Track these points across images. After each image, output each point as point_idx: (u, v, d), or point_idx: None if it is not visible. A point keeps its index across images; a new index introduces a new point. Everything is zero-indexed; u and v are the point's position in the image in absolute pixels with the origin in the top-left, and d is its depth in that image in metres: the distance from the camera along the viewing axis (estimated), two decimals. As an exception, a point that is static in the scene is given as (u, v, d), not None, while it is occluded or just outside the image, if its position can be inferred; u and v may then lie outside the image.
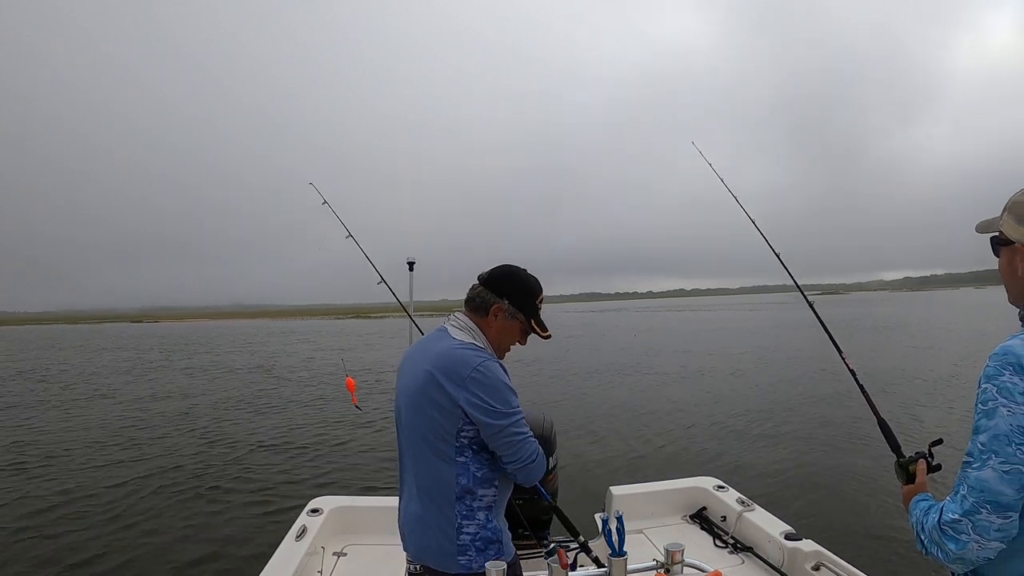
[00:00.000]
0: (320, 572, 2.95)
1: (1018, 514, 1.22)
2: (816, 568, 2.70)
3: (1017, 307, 1.37)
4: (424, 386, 1.85)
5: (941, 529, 1.29)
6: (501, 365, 1.90)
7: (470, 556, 1.83)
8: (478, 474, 1.85)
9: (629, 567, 1.86)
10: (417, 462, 1.89)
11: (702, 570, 1.99)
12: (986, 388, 1.26)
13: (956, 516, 1.26)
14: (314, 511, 3.35)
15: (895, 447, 1.80)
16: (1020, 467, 1.20)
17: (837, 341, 2.25)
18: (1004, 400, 1.23)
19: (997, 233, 1.41)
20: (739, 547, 3.07)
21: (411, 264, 3.65)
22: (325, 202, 3.81)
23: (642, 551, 2.90)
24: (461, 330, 1.94)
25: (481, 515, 1.86)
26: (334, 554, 3.12)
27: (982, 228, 1.46)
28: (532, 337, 2.04)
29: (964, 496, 1.25)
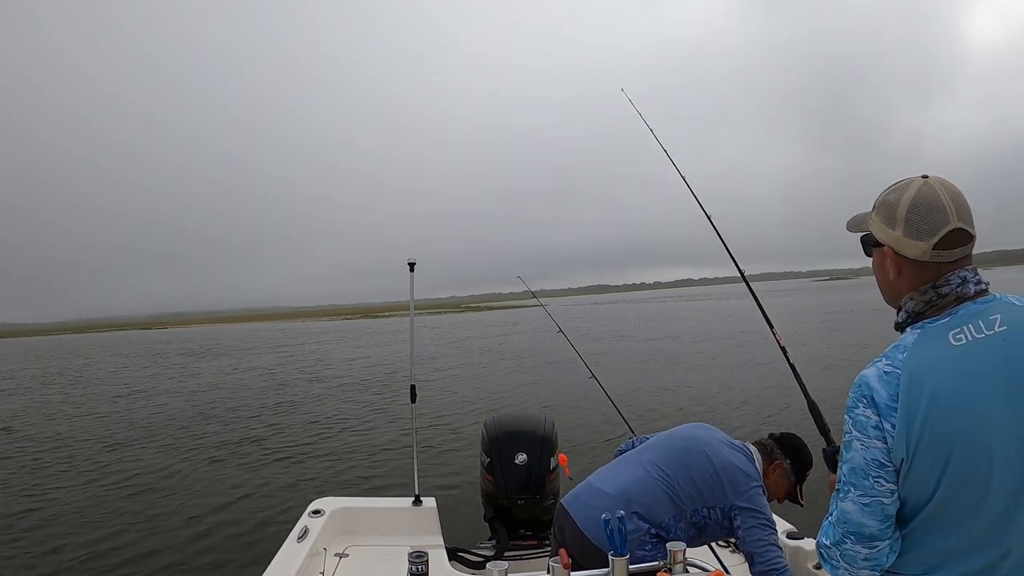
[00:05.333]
0: (322, 573, 2.94)
1: (887, 541, 1.21)
2: (818, 567, 2.66)
3: (894, 308, 1.31)
4: (702, 458, 2.19)
5: (819, 551, 1.31)
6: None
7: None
8: (679, 532, 2.13)
9: (631, 566, 1.81)
10: (651, 481, 2.16)
11: (704, 569, 1.96)
12: (846, 419, 1.25)
13: (828, 543, 1.28)
14: (316, 512, 3.34)
15: (824, 432, 1.80)
16: (880, 498, 1.19)
17: (770, 318, 2.27)
18: (858, 434, 1.22)
19: (867, 233, 1.33)
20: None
21: (412, 265, 3.67)
22: (534, 294, 5.21)
23: None
24: (756, 460, 2.28)
25: (649, 545, 2.10)
26: (336, 555, 3.10)
27: (852, 226, 1.39)
28: (542, 332, 2.12)
29: (834, 525, 1.27)
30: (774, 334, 2.13)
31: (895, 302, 1.31)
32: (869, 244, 1.34)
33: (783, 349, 2.07)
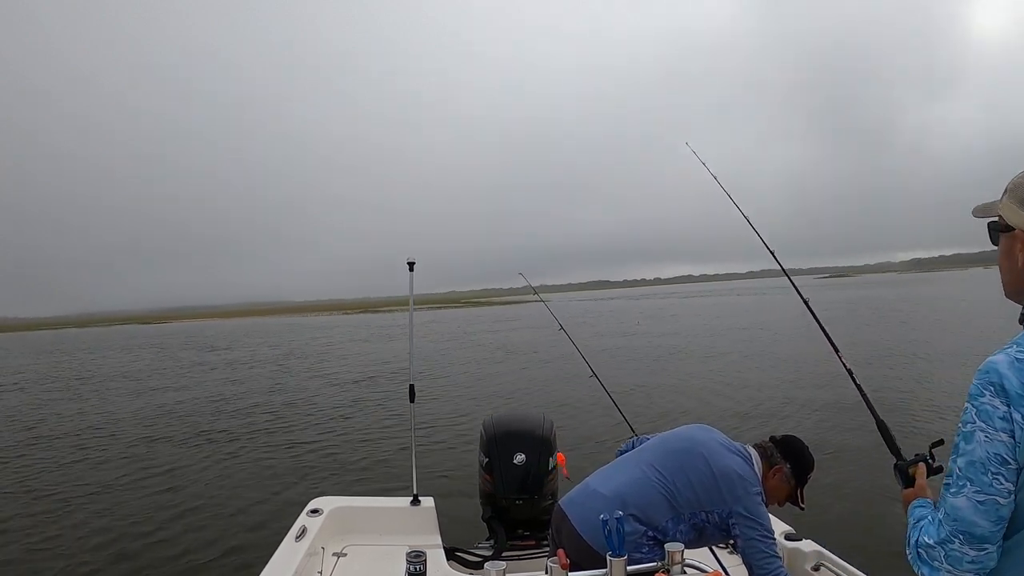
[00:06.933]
0: (320, 572, 2.94)
1: (996, 545, 1.13)
2: (816, 568, 2.66)
3: (1017, 302, 1.23)
4: (700, 462, 2.18)
5: (918, 552, 1.22)
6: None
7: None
8: (678, 535, 2.11)
9: (629, 567, 1.81)
10: (648, 483, 2.17)
11: (702, 570, 1.95)
12: (967, 408, 1.16)
13: (931, 542, 1.18)
14: (314, 511, 3.35)
15: (894, 450, 1.72)
16: (997, 497, 1.11)
17: (833, 339, 2.22)
18: (982, 424, 1.12)
19: (996, 218, 1.27)
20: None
21: (411, 264, 3.67)
22: (535, 291, 5.24)
23: None
24: (755, 464, 2.26)
25: (646, 547, 2.09)
26: (334, 554, 3.10)
27: (980, 212, 1.32)
28: (543, 329, 2.10)
29: (941, 522, 1.18)
30: (839, 356, 2.10)
31: (1021, 294, 1.23)
32: (997, 230, 1.27)
33: (849, 371, 2.05)
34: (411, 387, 3.75)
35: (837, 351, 2.16)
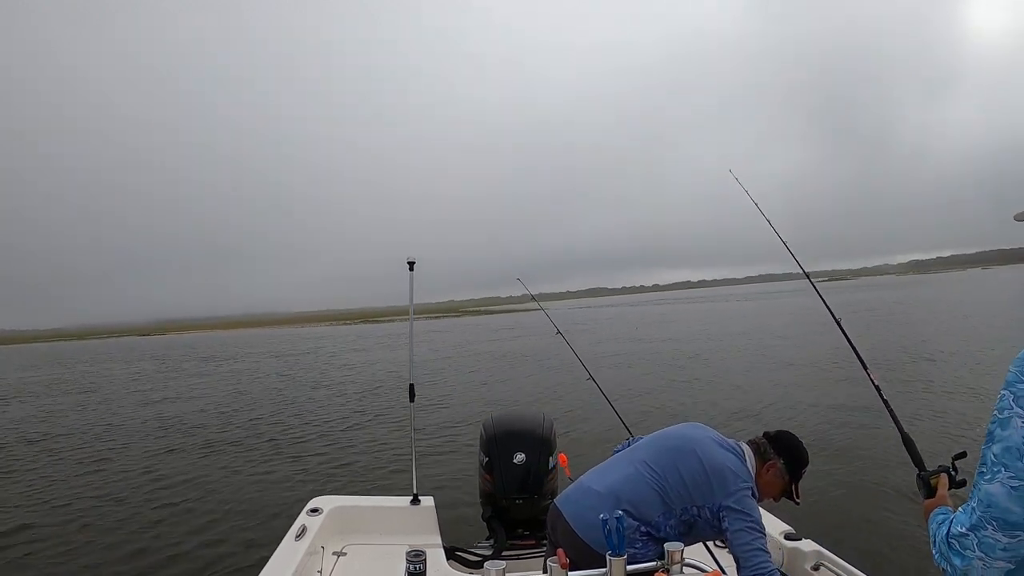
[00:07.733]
0: (320, 571, 2.94)
1: None
2: (816, 568, 2.67)
3: None
4: (693, 458, 2.20)
5: (948, 543, 1.20)
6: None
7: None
8: (668, 530, 2.14)
9: (628, 567, 1.81)
10: (641, 479, 2.19)
11: (702, 570, 1.96)
12: (1004, 395, 1.15)
13: (963, 530, 1.17)
14: (314, 510, 3.35)
15: (918, 461, 1.73)
16: None
17: (861, 353, 2.22)
18: (1020, 410, 1.12)
19: None
20: None
21: (411, 264, 3.66)
22: (533, 297, 5.17)
23: None
24: (748, 460, 2.28)
25: (639, 543, 2.11)
26: (334, 553, 3.11)
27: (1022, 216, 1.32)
28: (543, 337, 2.10)
29: (974, 509, 1.16)
30: (868, 374, 2.12)
31: None
32: None
33: (877, 388, 2.08)
34: (411, 386, 3.76)
35: (866, 367, 2.17)
